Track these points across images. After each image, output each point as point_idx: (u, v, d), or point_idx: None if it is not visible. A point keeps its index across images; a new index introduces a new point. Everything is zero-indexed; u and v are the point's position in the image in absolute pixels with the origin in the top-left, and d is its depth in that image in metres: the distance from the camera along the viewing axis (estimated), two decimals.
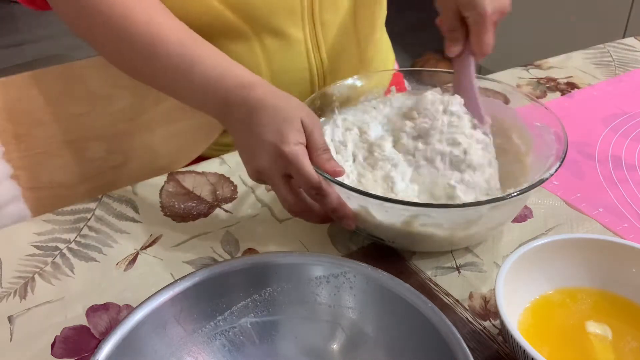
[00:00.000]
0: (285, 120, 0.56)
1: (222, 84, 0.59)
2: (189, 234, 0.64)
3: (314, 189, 0.54)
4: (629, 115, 0.83)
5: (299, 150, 0.55)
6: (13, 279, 0.59)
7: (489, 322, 0.53)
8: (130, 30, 0.61)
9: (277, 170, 0.56)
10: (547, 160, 0.58)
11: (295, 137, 0.55)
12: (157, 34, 0.61)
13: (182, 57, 0.61)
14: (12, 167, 0.74)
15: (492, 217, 0.56)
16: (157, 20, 0.62)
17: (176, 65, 0.61)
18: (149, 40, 0.61)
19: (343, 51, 0.82)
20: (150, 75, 0.65)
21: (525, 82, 0.93)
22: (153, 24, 0.62)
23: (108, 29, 0.62)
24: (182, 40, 0.62)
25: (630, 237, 0.61)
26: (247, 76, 0.60)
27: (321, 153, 0.56)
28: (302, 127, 0.56)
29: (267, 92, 0.58)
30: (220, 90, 0.59)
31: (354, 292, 0.47)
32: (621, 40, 1.07)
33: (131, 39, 0.62)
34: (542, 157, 0.59)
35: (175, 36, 0.62)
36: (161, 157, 0.82)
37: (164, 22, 0.63)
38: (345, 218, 0.56)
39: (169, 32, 0.62)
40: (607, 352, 0.46)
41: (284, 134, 0.55)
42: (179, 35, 0.62)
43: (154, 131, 0.81)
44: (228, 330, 0.47)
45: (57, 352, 0.51)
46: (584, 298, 0.51)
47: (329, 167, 0.55)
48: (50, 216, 0.67)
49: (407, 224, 0.55)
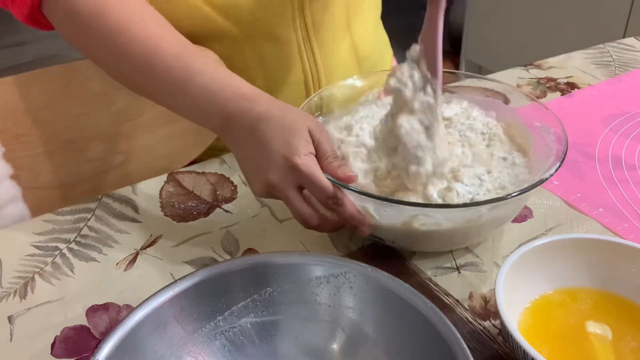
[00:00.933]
0: (293, 131, 0.54)
1: (221, 96, 0.58)
2: (189, 234, 0.64)
3: (330, 198, 0.53)
4: (629, 115, 0.83)
5: (311, 161, 0.54)
6: (13, 279, 0.59)
7: (489, 322, 0.53)
8: (127, 46, 0.60)
9: (290, 183, 0.54)
10: (547, 160, 0.58)
11: (305, 148, 0.54)
12: (154, 48, 0.60)
13: (179, 71, 0.59)
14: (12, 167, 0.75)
15: (492, 217, 0.56)
16: (153, 33, 0.61)
17: (173, 79, 0.60)
18: (146, 55, 0.60)
19: (337, 51, 0.81)
20: (150, 91, 0.63)
21: (525, 82, 0.93)
22: (150, 37, 0.60)
23: (106, 46, 0.61)
24: (180, 53, 0.60)
25: (630, 237, 0.61)
26: (246, 87, 0.59)
27: (332, 160, 0.55)
28: (310, 136, 0.55)
29: (271, 104, 0.57)
30: (219, 102, 0.58)
31: (354, 292, 0.47)
32: (621, 40, 1.07)
33: (129, 56, 0.61)
34: (542, 157, 0.59)
35: (172, 50, 0.60)
36: (161, 157, 0.82)
37: (161, 35, 0.61)
38: (361, 224, 0.55)
39: (166, 46, 0.61)
40: (607, 352, 0.46)
41: (294, 145, 0.53)
42: (176, 48, 0.61)
43: (154, 131, 0.81)
44: (228, 330, 0.47)
45: (57, 352, 0.51)
46: (584, 298, 0.51)
47: (342, 174, 0.54)
48: (50, 216, 0.67)
49: (406, 224, 0.55)
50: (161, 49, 0.60)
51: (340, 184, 0.54)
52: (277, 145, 0.54)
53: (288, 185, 0.54)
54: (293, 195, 0.55)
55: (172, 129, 0.82)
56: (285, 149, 0.53)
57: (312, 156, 0.54)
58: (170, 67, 0.59)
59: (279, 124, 0.55)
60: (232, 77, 0.60)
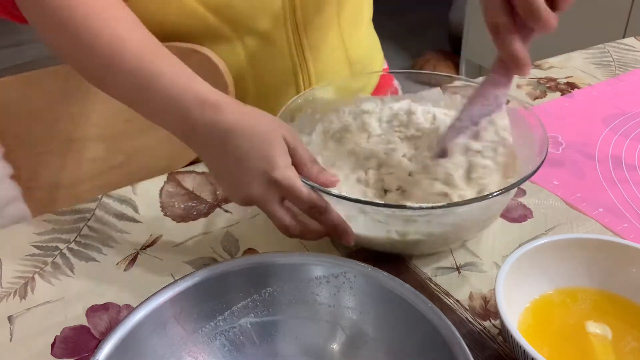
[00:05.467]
0: (268, 143, 0.52)
1: (182, 103, 0.54)
2: (189, 234, 0.64)
3: (312, 207, 0.53)
4: (629, 115, 0.83)
5: (291, 174, 0.52)
6: (13, 279, 0.59)
7: (489, 322, 0.53)
8: (92, 43, 0.57)
9: (271, 197, 0.53)
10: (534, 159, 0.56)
11: (283, 160, 0.52)
12: (117, 49, 0.57)
13: (139, 73, 0.56)
14: (12, 167, 0.75)
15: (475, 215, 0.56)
16: (117, 33, 0.57)
17: (133, 82, 0.56)
18: (108, 55, 0.57)
19: (328, 52, 0.81)
20: (114, 93, 0.60)
21: (525, 82, 0.93)
22: (114, 36, 0.57)
23: (71, 41, 0.59)
24: (141, 54, 0.57)
25: (630, 237, 0.61)
26: (208, 93, 0.55)
27: (311, 166, 0.54)
28: (286, 144, 0.54)
29: (238, 114, 0.54)
30: (181, 110, 0.54)
31: (354, 292, 0.47)
32: (621, 40, 1.07)
33: (93, 53, 0.58)
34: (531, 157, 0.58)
35: (134, 51, 0.57)
36: (161, 157, 0.82)
37: (125, 35, 0.58)
38: (345, 234, 0.54)
39: (130, 46, 0.57)
40: (607, 352, 0.46)
41: (272, 159, 0.52)
42: (138, 49, 0.57)
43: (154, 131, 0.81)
44: (228, 330, 0.47)
45: (57, 352, 0.51)
46: (584, 298, 0.51)
47: (323, 179, 0.54)
48: (50, 216, 0.67)
49: (396, 234, 0.55)
50: (123, 49, 0.57)
51: (322, 189, 0.53)
52: (254, 161, 0.52)
53: (269, 200, 0.53)
54: (275, 208, 0.53)
55: None
56: (264, 164, 0.52)
57: (291, 168, 0.53)
58: (133, 68, 0.56)
59: (251, 136, 0.53)
60: (193, 81, 0.56)
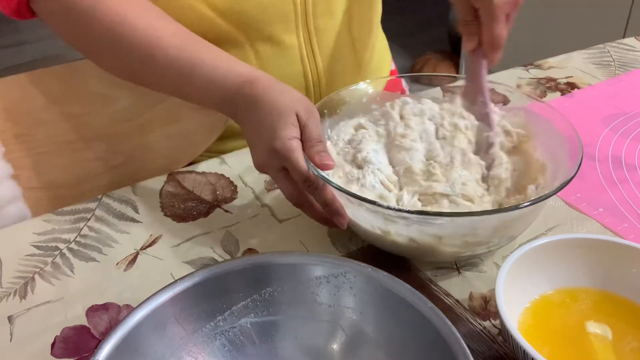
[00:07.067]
0: (279, 115, 0.56)
1: (226, 85, 0.60)
2: (189, 234, 0.64)
3: (305, 182, 0.55)
4: (629, 115, 0.83)
5: (292, 145, 0.55)
6: (13, 279, 0.59)
7: (489, 322, 0.53)
8: (128, 36, 0.61)
9: (273, 165, 0.57)
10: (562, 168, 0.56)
11: (287, 133, 0.55)
12: (156, 40, 0.61)
13: (182, 62, 0.61)
14: (12, 167, 0.74)
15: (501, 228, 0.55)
16: (154, 26, 0.62)
17: (177, 70, 0.61)
18: (147, 46, 0.61)
19: (338, 56, 0.81)
20: (153, 82, 0.65)
21: (525, 82, 0.93)
22: (150, 29, 0.61)
23: (105, 37, 0.62)
24: (181, 44, 0.62)
25: (630, 237, 0.61)
26: (248, 73, 0.61)
27: (314, 144, 0.56)
28: (297, 119, 0.56)
29: (266, 86, 0.58)
30: (227, 91, 0.60)
31: (354, 292, 0.47)
32: (621, 40, 1.07)
33: (129, 47, 0.62)
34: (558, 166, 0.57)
35: (174, 40, 0.62)
36: (161, 157, 0.82)
37: (162, 27, 0.62)
38: (337, 215, 0.56)
39: (168, 37, 0.62)
40: (607, 352, 0.46)
41: (276, 130, 0.55)
42: (177, 39, 0.62)
43: (154, 131, 0.81)
44: (228, 330, 0.47)
45: (57, 352, 0.51)
46: (584, 298, 0.51)
47: (317, 160, 0.54)
48: (50, 216, 0.67)
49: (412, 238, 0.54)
50: (163, 40, 0.61)
51: (320, 173, 0.54)
52: (262, 129, 0.57)
53: (271, 167, 0.58)
54: (276, 175, 0.58)
55: (172, 129, 0.82)
56: (268, 133, 0.56)
57: (295, 140, 0.55)
58: (174, 58, 0.61)
59: (270, 108, 0.57)
60: (234, 63, 0.62)
